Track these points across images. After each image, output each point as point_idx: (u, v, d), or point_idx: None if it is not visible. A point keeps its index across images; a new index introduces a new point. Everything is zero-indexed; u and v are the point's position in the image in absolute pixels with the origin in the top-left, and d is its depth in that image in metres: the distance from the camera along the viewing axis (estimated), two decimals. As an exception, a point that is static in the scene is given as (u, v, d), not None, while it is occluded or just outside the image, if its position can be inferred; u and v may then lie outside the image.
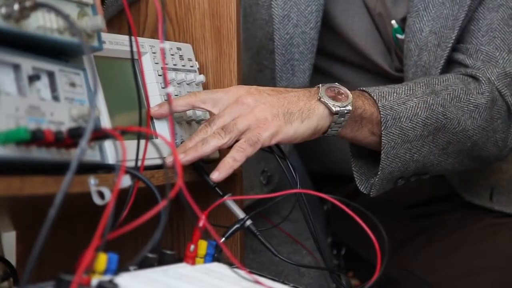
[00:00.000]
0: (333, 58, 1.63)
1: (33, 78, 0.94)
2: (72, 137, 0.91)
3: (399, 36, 1.56)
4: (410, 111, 1.37)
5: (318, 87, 1.30)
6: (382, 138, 1.35)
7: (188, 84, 1.33)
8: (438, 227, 1.63)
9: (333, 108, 1.28)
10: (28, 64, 0.93)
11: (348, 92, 1.32)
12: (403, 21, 1.55)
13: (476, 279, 1.52)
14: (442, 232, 1.62)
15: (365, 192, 1.41)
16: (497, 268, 1.53)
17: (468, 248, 1.58)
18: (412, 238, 1.61)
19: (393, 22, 1.54)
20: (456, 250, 1.58)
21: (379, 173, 1.36)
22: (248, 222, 1.22)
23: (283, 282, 1.12)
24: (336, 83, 1.32)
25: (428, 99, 1.40)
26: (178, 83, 1.30)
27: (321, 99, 1.28)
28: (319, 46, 1.57)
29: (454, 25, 1.50)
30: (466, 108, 1.43)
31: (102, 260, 0.94)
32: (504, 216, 1.61)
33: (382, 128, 1.34)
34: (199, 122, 1.33)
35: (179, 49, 1.34)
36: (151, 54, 1.26)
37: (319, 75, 1.57)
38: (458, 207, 1.64)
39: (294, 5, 1.52)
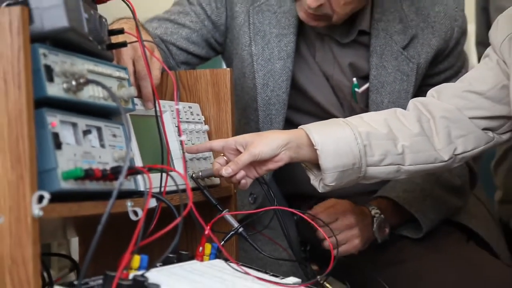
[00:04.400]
0: (300, 112, 1.62)
1: (86, 132, 0.95)
2: (114, 174, 0.92)
3: (356, 90, 1.56)
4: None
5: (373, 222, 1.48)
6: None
7: (196, 132, 1.33)
8: None
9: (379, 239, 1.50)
10: (82, 122, 0.94)
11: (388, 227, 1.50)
12: (350, 65, 1.56)
13: (399, 266, 1.51)
14: None
15: None
16: (416, 257, 1.52)
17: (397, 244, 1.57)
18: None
19: (354, 79, 1.55)
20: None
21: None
22: (241, 230, 1.22)
23: (265, 272, 1.12)
24: (383, 216, 1.49)
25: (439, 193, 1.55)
26: (189, 132, 1.30)
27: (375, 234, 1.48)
28: (290, 103, 1.57)
29: (407, 97, 1.51)
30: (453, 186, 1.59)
31: (136, 260, 0.94)
32: None
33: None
34: (205, 159, 1.33)
35: (190, 107, 1.34)
36: (170, 112, 1.26)
37: (290, 125, 1.57)
38: None
39: (270, 76, 1.53)
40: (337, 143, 1.23)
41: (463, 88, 1.32)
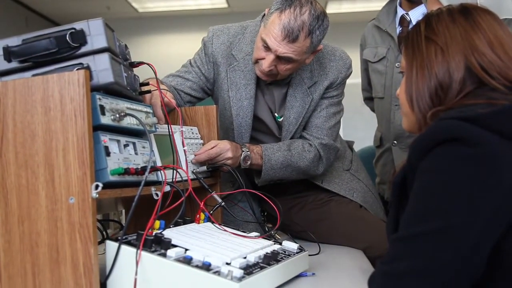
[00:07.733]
0: (258, 131, 1.60)
1: (126, 145, 0.94)
2: (143, 171, 0.91)
3: (278, 120, 1.55)
4: (277, 158, 1.44)
5: (243, 157, 1.39)
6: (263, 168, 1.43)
7: (195, 144, 1.31)
8: (304, 199, 1.62)
9: (242, 164, 1.38)
10: (123, 139, 0.93)
11: (251, 158, 1.41)
12: (281, 102, 1.54)
13: (319, 223, 1.52)
14: (306, 202, 1.61)
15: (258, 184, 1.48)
16: (329, 218, 1.53)
17: (317, 208, 1.58)
18: (293, 206, 1.60)
19: (275, 114, 1.56)
20: (312, 210, 1.57)
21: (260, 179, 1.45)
22: (223, 204, 1.21)
23: (238, 229, 1.12)
24: (249, 154, 1.40)
25: (286, 153, 1.45)
26: (191, 144, 1.29)
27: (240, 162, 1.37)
28: (253, 126, 1.55)
29: (301, 116, 1.50)
30: (302, 157, 1.47)
31: (157, 224, 0.94)
32: (332, 194, 1.61)
33: (263, 165, 1.43)
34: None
35: (191, 129, 1.33)
36: (179, 132, 1.25)
37: (253, 139, 1.58)
38: (313, 189, 1.61)
39: (241, 110, 1.52)
40: None
41: None
